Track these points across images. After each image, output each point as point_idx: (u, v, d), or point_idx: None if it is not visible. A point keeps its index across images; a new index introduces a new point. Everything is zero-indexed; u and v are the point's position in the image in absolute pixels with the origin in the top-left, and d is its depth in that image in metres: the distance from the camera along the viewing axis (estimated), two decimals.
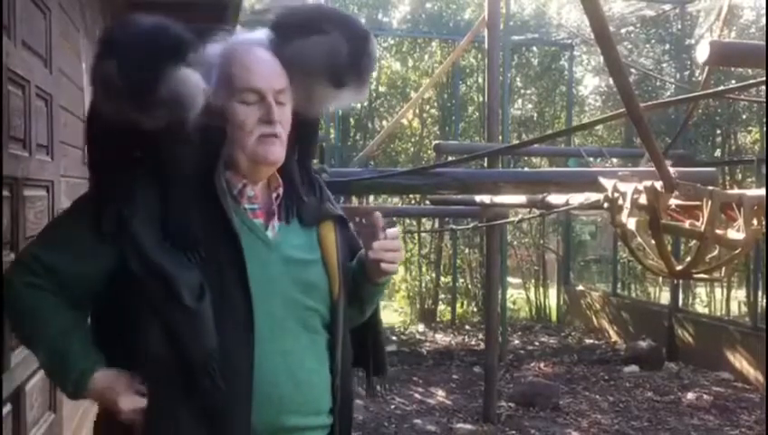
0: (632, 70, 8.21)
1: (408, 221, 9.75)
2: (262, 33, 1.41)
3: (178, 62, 1.20)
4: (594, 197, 2.97)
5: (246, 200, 1.36)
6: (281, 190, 1.40)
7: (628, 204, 2.12)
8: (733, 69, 7.17)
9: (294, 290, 1.34)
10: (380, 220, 1.39)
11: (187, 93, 1.21)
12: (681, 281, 7.36)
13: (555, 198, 3.79)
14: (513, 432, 5.28)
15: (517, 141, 8.33)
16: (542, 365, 7.28)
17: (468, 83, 10.21)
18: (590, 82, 11.05)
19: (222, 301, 1.24)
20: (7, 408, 1.59)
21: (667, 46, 9.17)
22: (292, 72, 1.37)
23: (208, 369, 1.22)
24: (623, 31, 9.27)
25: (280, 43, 1.38)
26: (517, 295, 10.58)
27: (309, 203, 1.44)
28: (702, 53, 1.61)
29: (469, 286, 10.10)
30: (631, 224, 2.10)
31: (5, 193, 1.55)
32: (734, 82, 7.26)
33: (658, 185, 1.98)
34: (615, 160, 8.18)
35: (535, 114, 10.66)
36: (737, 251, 1.99)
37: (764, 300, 7.36)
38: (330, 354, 1.40)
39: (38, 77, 1.79)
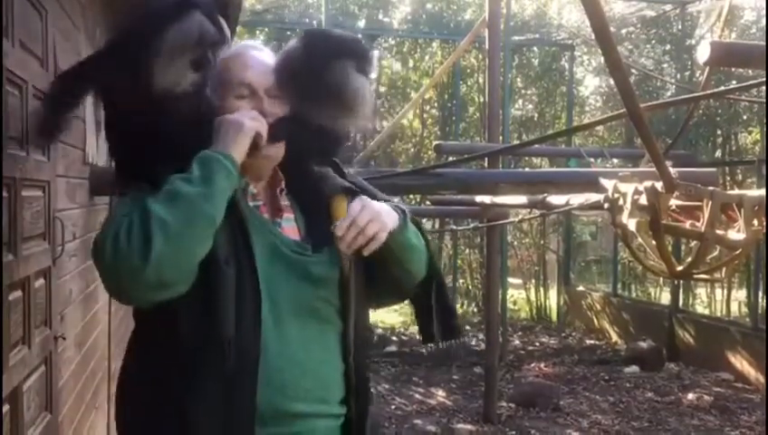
0: (633, 70, 8.20)
1: None
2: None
3: None
4: (594, 197, 2.97)
5: (250, 197, 1.39)
6: (283, 184, 1.44)
7: (628, 204, 2.11)
8: (733, 69, 7.16)
9: (302, 282, 1.36)
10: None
11: None
12: (682, 282, 7.36)
13: (556, 199, 3.78)
14: (514, 433, 5.28)
15: (518, 142, 8.33)
16: (542, 366, 7.27)
17: (469, 84, 10.21)
18: (591, 83, 11.06)
19: (237, 291, 1.27)
20: (5, 408, 1.58)
21: (668, 47, 9.16)
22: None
23: (224, 341, 1.24)
24: (624, 31, 9.27)
25: None
26: (517, 296, 10.58)
27: (318, 184, 1.43)
28: (702, 54, 1.61)
29: (469, 287, 10.10)
30: (632, 224, 2.09)
31: (4, 193, 1.55)
32: (734, 82, 7.25)
33: (659, 185, 1.98)
34: (615, 161, 8.17)
35: (536, 114, 10.65)
36: (738, 252, 1.98)
37: (765, 301, 7.36)
38: (342, 343, 1.41)
39: (35, 77, 1.79)
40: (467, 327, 9.28)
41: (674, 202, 2.05)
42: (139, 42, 1.27)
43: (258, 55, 1.42)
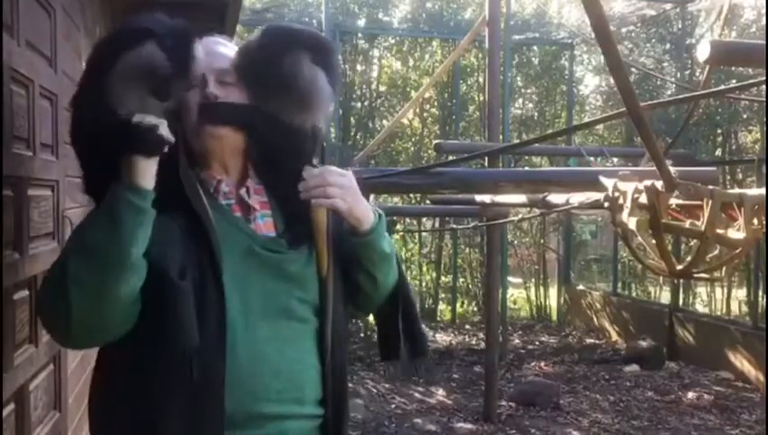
0: (633, 69, 8.22)
1: (408, 221, 9.75)
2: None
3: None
4: (595, 196, 2.97)
5: (223, 196, 1.37)
6: (249, 182, 1.41)
7: (628, 203, 2.12)
8: (733, 68, 7.18)
9: (276, 281, 1.33)
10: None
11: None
12: (682, 280, 7.37)
13: (556, 198, 3.79)
14: (514, 432, 5.29)
15: (518, 141, 8.34)
16: (542, 365, 7.29)
17: (469, 83, 10.22)
18: (591, 82, 11.08)
19: (200, 294, 1.24)
20: (10, 407, 1.59)
21: (668, 46, 9.17)
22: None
23: (187, 355, 1.21)
24: (624, 30, 9.28)
25: None
26: (518, 295, 10.59)
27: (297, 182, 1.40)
28: (702, 53, 1.62)
29: (470, 286, 10.11)
30: (632, 223, 2.10)
31: (9, 193, 1.55)
32: (734, 81, 7.26)
33: (659, 184, 1.99)
34: (615, 160, 8.18)
35: (536, 113, 10.67)
36: (738, 251, 1.99)
37: (765, 300, 7.37)
38: (319, 342, 1.38)
39: (43, 77, 1.79)
40: (467, 327, 9.31)
41: (674, 201, 2.06)
42: (98, 66, 1.27)
43: (213, 45, 1.41)
